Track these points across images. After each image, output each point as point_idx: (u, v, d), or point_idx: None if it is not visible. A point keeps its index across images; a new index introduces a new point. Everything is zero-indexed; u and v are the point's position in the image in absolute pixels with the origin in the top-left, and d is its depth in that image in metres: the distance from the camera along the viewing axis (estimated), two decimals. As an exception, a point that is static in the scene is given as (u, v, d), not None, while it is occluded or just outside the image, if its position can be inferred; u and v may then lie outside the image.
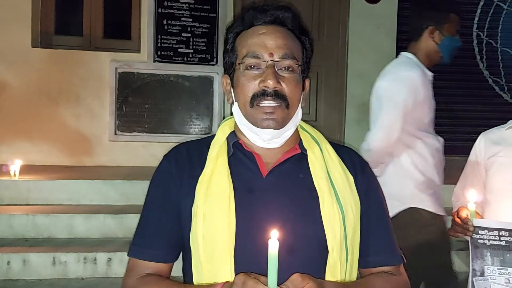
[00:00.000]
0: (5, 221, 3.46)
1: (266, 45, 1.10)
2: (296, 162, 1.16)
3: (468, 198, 1.48)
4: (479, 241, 1.44)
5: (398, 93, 2.05)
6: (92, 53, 4.81)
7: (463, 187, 1.82)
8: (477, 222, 1.45)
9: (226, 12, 4.95)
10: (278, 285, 0.86)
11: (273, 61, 1.09)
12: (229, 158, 1.14)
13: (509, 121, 1.69)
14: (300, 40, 1.17)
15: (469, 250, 1.49)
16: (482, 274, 1.43)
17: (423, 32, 2.17)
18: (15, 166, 3.95)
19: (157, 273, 1.13)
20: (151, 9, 4.84)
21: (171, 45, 4.89)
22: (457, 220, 1.52)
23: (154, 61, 4.87)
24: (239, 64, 1.13)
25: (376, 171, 1.50)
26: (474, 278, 1.45)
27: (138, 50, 4.88)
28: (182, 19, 4.90)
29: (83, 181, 3.94)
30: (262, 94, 1.09)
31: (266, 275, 0.87)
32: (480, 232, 1.44)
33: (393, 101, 2.05)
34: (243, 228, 1.06)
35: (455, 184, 1.92)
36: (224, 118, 4.85)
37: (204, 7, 4.92)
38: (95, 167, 4.66)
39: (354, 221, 1.13)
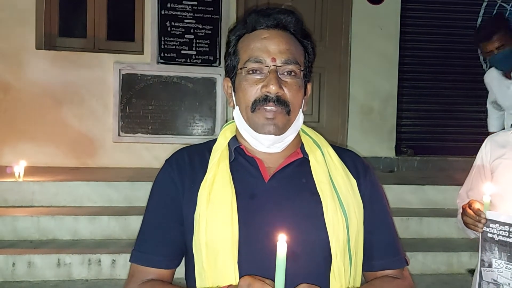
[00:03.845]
0: (10, 223, 3.47)
1: (268, 50, 1.09)
2: (298, 166, 1.15)
3: (484, 190, 1.46)
4: (488, 235, 1.43)
5: None
6: (95, 55, 4.83)
7: (468, 189, 1.82)
8: (490, 214, 1.43)
9: (229, 14, 4.96)
10: None
11: (276, 66, 1.08)
12: (231, 163, 1.14)
13: None
14: (302, 44, 1.16)
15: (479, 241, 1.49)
16: (490, 265, 1.43)
17: None
18: (19, 168, 3.96)
19: (159, 279, 1.12)
20: (154, 11, 4.85)
21: (174, 47, 4.91)
22: (470, 211, 1.50)
23: (158, 62, 4.89)
24: (241, 68, 1.12)
25: None
26: (482, 268, 1.45)
27: (141, 52, 4.90)
28: (185, 21, 4.91)
29: (87, 183, 3.95)
30: (264, 100, 1.08)
31: (271, 280, 0.86)
32: (491, 225, 1.42)
33: None
34: (246, 234, 1.05)
35: (461, 185, 1.92)
36: (227, 119, 4.85)
37: (207, 8, 4.93)
38: (99, 169, 4.68)
39: (357, 225, 1.12)
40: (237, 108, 1.16)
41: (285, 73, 1.10)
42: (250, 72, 1.10)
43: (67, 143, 4.74)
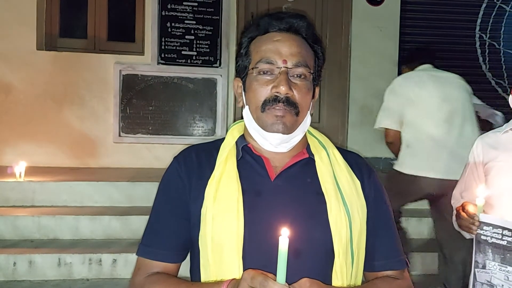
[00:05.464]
0: (11, 222, 3.49)
1: (280, 52, 1.12)
2: (303, 166, 1.17)
3: (477, 193, 1.48)
4: (482, 237, 1.45)
5: None
6: (96, 56, 4.84)
7: (461, 190, 1.84)
8: (483, 217, 1.45)
9: (229, 15, 4.97)
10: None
11: (287, 68, 1.11)
12: (238, 161, 1.16)
13: (505, 125, 1.70)
14: (313, 49, 1.19)
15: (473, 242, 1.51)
16: (484, 267, 1.44)
17: None
18: (20, 167, 3.97)
19: (165, 272, 1.14)
20: (155, 12, 4.87)
21: (174, 48, 4.92)
22: (463, 214, 1.52)
23: (158, 63, 4.90)
24: (252, 68, 1.14)
25: None
26: (476, 270, 1.47)
27: (142, 53, 4.91)
28: (186, 21, 4.93)
29: (87, 182, 3.96)
30: (273, 100, 1.10)
31: (274, 275, 0.88)
32: (484, 228, 1.44)
33: None
34: (251, 230, 1.07)
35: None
36: (227, 120, 4.82)
37: (207, 9, 4.95)
38: (100, 169, 4.69)
39: (360, 225, 1.14)
40: (246, 107, 1.18)
41: (295, 76, 1.12)
42: (261, 72, 1.12)
43: (68, 144, 4.75)
